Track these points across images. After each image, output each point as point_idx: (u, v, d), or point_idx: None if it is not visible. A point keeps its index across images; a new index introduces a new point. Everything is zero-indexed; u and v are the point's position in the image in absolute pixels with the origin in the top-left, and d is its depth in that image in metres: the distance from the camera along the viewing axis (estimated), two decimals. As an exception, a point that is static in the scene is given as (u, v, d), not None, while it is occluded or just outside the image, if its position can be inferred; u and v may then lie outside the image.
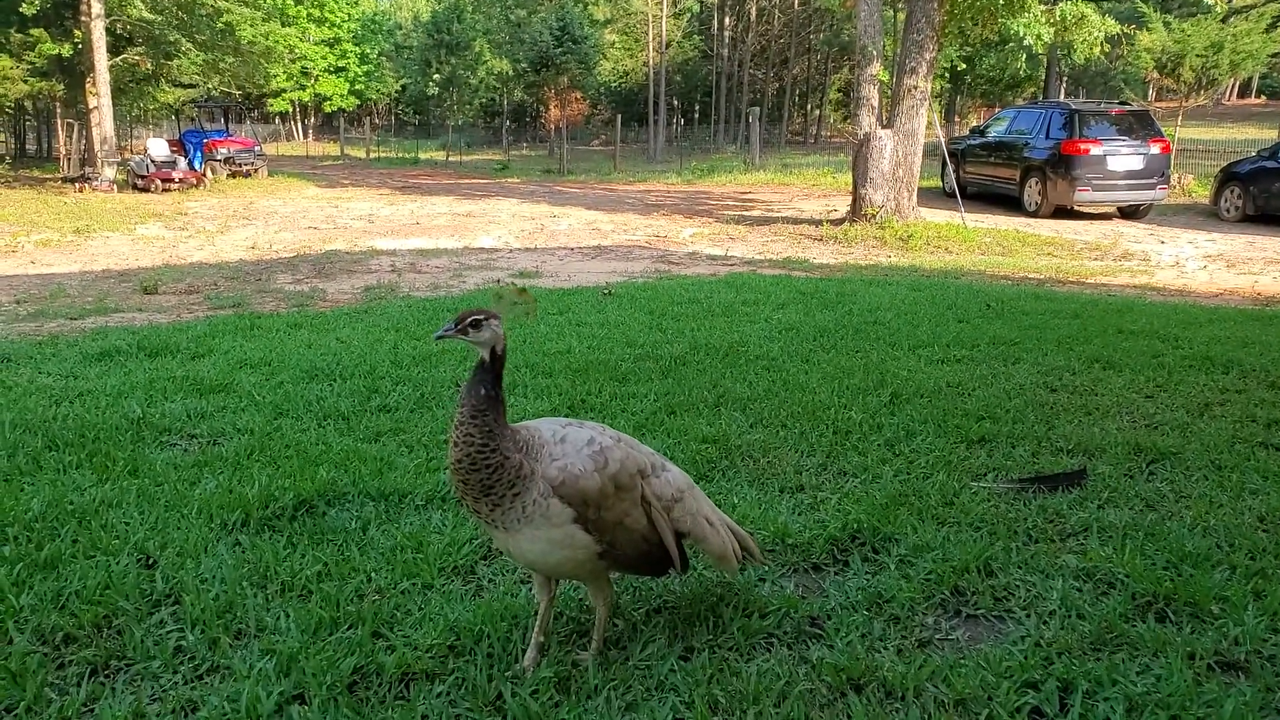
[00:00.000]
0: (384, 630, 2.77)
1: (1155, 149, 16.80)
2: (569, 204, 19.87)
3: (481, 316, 2.40)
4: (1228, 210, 17.16)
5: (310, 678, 2.49)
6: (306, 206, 20.27)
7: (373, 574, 3.13)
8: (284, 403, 5.21)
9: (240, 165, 29.06)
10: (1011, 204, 18.31)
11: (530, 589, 3.03)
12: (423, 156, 43.83)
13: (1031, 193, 17.68)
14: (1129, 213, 17.63)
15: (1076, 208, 17.36)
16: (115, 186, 24.29)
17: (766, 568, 3.19)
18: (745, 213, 18.39)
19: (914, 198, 15.26)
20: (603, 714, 2.36)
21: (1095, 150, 16.47)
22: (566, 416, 4.88)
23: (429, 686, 2.50)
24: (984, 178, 19.42)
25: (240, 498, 3.72)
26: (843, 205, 16.45)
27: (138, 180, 24.79)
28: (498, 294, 2.63)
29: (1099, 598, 3.04)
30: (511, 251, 13.54)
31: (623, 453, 2.45)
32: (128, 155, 27.72)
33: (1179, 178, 20.54)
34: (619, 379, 5.69)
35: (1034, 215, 17.35)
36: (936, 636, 2.83)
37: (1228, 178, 17.37)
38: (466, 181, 27.81)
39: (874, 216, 14.68)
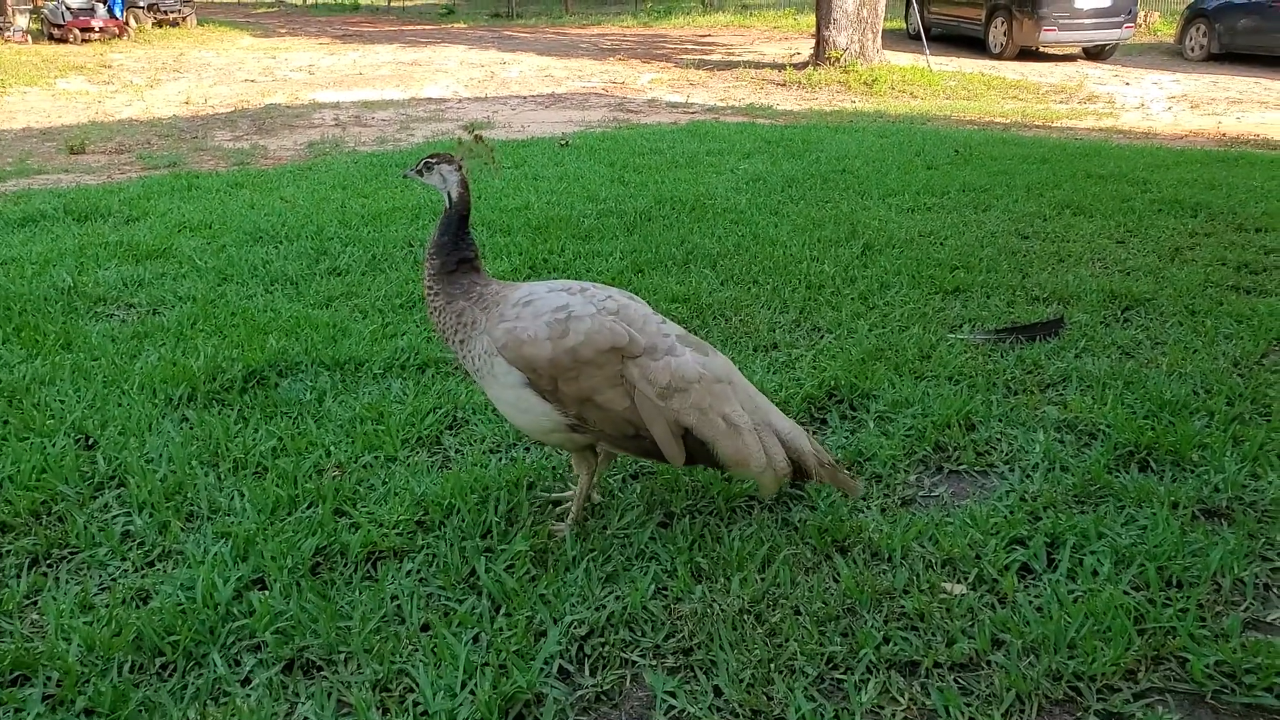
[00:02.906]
0: (346, 508, 2.63)
1: (1124, -15, 16.23)
2: (520, 50, 18.86)
3: (434, 160, 2.47)
4: (1192, 49, 16.80)
5: (270, 561, 2.36)
6: (241, 58, 19.01)
7: (332, 448, 2.97)
8: (227, 267, 4.91)
9: (166, 13, 26.99)
10: (976, 46, 17.74)
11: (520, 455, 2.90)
12: (362, 2, 41.21)
13: (997, 33, 17.11)
14: (1094, 53, 17.19)
15: (1042, 48, 16.88)
16: (29, 37, 22.53)
17: (845, 495, 2.58)
18: (705, 57, 17.62)
19: (878, 40, 14.67)
20: (582, 586, 2.27)
21: (1063, -13, 15.87)
22: (528, 278, 4.68)
23: (397, 565, 2.39)
24: (949, 19, 18.72)
25: (185, 370, 3.50)
26: (805, 48, 15.80)
27: (53, 30, 22.95)
28: (458, 141, 2.47)
29: (1081, 449, 2.99)
30: (461, 101, 12.87)
31: (596, 326, 2.25)
32: (41, 2, 25.60)
33: (1145, 16, 19.99)
34: (582, 236, 5.44)
35: (999, 57, 16.85)
36: (920, 494, 2.77)
37: (1194, 15, 16.91)
38: (410, 28, 26.25)
39: (838, 60, 14.12)
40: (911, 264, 4.89)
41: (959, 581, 2.31)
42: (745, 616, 2.17)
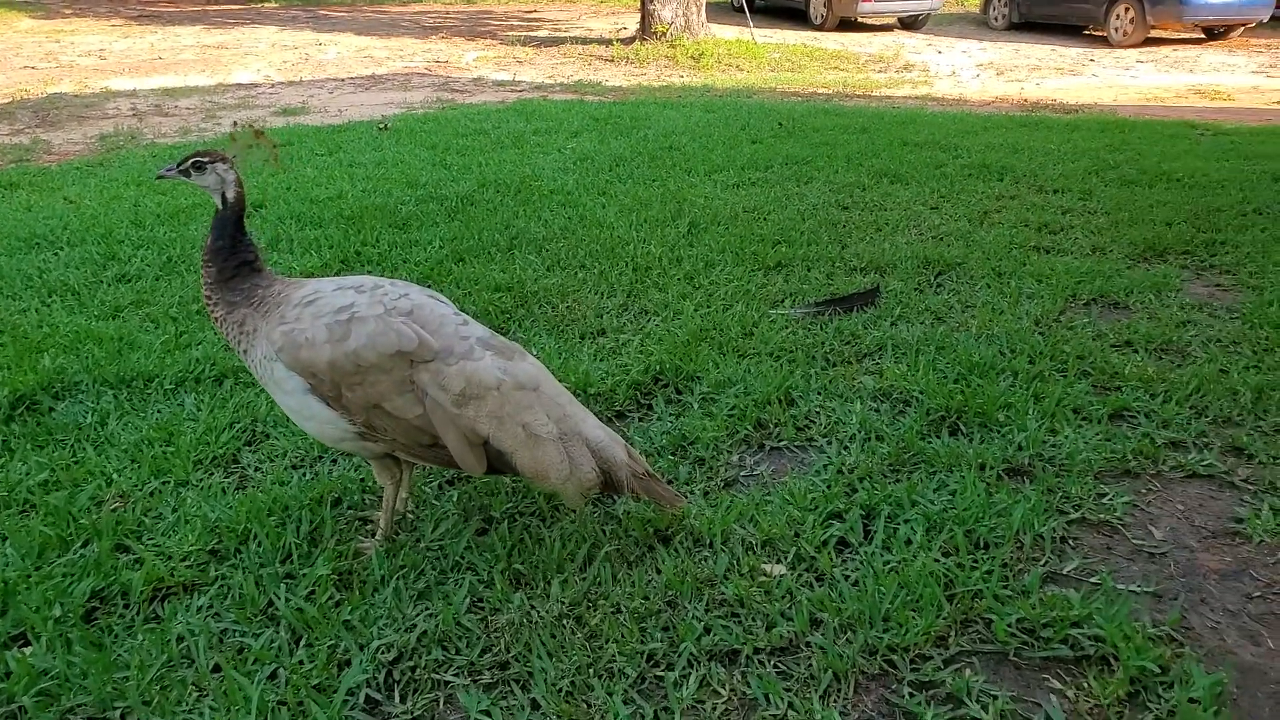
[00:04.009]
0: (129, 542, 2.38)
1: (932, -42, 17.00)
2: (337, 30, 17.98)
3: (206, 159, 2.29)
4: (996, 19, 17.81)
5: (34, 613, 2.10)
6: (19, 42, 17.29)
7: (114, 476, 2.69)
8: (-3, 279, 4.41)
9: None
10: (798, 17, 18.22)
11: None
12: (162, -22, 38.24)
13: (818, 5, 17.63)
14: (909, 23, 17.97)
15: (860, 19, 17.51)
16: None
17: (660, 509, 2.38)
18: (532, 33, 17.32)
19: (703, 13, 14.81)
20: (391, 607, 2.12)
21: (875, -42, 16.49)
22: (339, 273, 4.42)
23: (187, 601, 2.18)
24: (770, -10, 19.15)
25: (-61, 400, 3.10)
26: (632, 23, 15.77)
27: None
28: (232, 135, 2.23)
29: (896, 417, 3.06)
30: (274, 86, 12.14)
31: (381, 328, 2.10)
32: None
33: (953, -13, 21.06)
34: (399, 225, 5.19)
35: (820, 28, 17.37)
36: (742, 474, 2.76)
37: (997, -14, 17.94)
38: (215, 9, 24.58)
39: (664, 34, 14.17)
40: (736, 241, 4.92)
41: (779, 562, 2.31)
42: (565, 621, 2.09)
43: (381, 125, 8.54)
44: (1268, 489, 2.62)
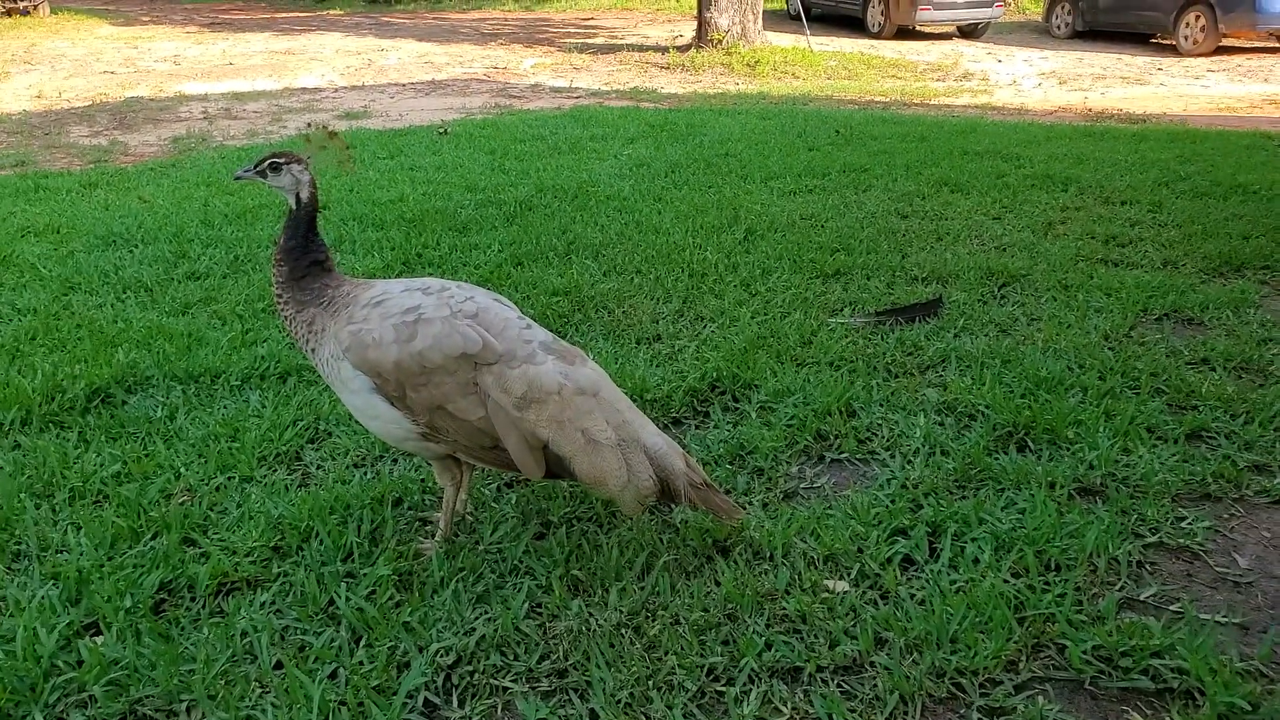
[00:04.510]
0: (196, 535, 2.42)
1: (993, -34, 16.74)
2: (398, 36, 18.26)
3: (282, 160, 2.31)
4: (1059, 27, 17.47)
5: (105, 602, 2.14)
6: (100, 48, 17.84)
7: (182, 470, 2.73)
8: (74, 275, 4.53)
9: (16, 1, 25.12)
10: (855, 25, 18.05)
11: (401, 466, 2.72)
12: (230, -14, 39.24)
13: (875, 13, 17.45)
14: (968, 32, 17.70)
15: (918, 27, 17.29)
16: None
17: (718, 519, 2.29)
18: (589, 40, 17.41)
19: (760, 21, 14.74)
20: (450, 610, 2.12)
21: (933, -34, 16.28)
22: (401, 274, 4.47)
23: (250, 596, 2.20)
24: (829, -1, 19.01)
25: (18, 391, 3.19)
26: (688, 30, 15.78)
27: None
28: (305, 137, 2.30)
29: (961, 431, 2.99)
30: (337, 91, 12.36)
31: (447, 330, 2.10)
32: None
33: (1015, -5, 20.72)
34: (459, 229, 5.24)
35: (877, 36, 17.19)
36: (802, 486, 2.72)
37: (1060, -6, 17.60)
38: (283, 16, 25.13)
39: (720, 42, 14.13)
40: (793, 248, 4.87)
41: (841, 578, 2.26)
42: (623, 631, 2.07)
43: (441, 130, 8.63)
44: (1357, 517, 2.50)
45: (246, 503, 2.56)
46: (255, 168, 2.30)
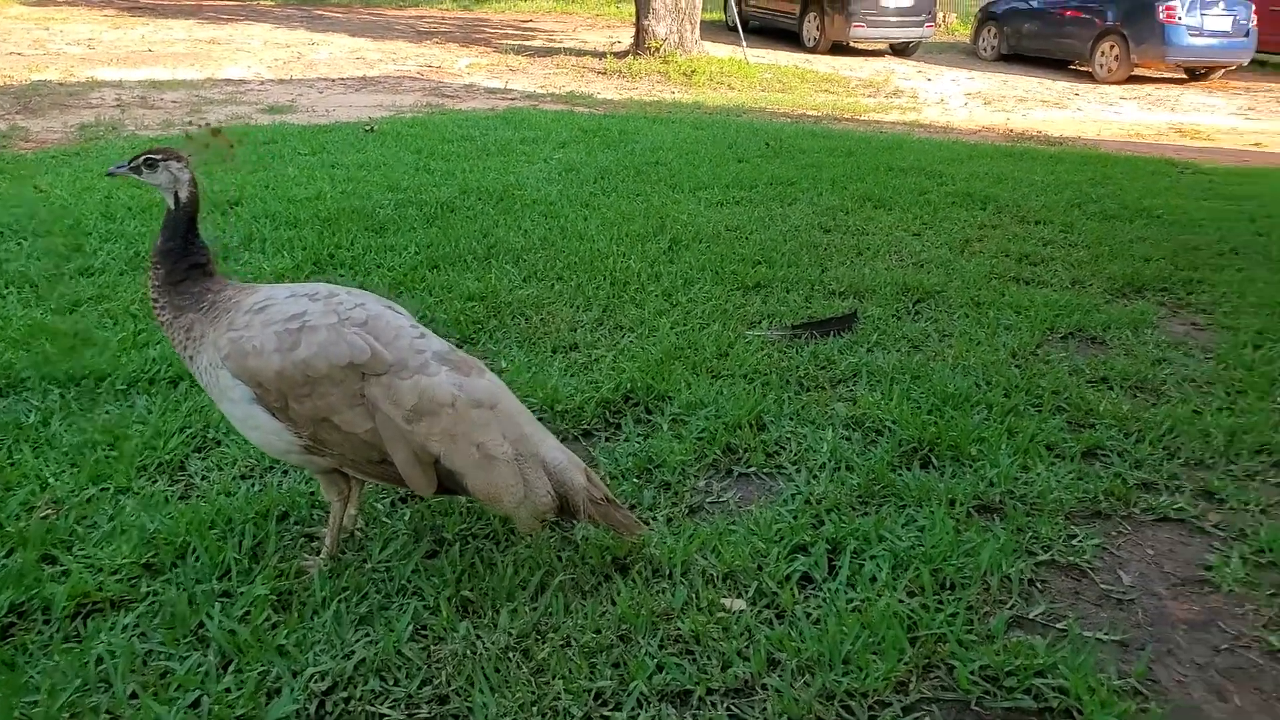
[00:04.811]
0: (58, 552, 2.28)
1: (922, -13, 17.09)
2: (331, 30, 17.87)
3: (159, 156, 2.19)
4: (985, 49, 17.92)
5: (-53, 628, 1.99)
6: (8, 28, 17.09)
7: (50, 480, 2.58)
8: (-46, 269, 4.28)
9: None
10: (792, 39, 18.25)
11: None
12: (157, -29, 37.99)
13: (810, 28, 17.67)
14: (900, 50, 18.04)
15: (852, 44, 17.56)
16: None
17: (618, 535, 2.24)
18: (526, 43, 17.27)
19: (697, 31, 14.80)
20: (330, 632, 2.03)
21: (868, -15, 16.55)
22: (312, 276, 4.32)
23: (113, 618, 2.07)
24: (765, 12, 19.17)
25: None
26: (627, 37, 15.76)
27: None
28: (187, 135, 2.17)
29: (868, 447, 2.99)
30: (263, 83, 12.03)
31: (333, 338, 2.01)
32: None
33: (943, 16, 21.18)
34: (376, 229, 5.10)
35: (813, 51, 17.40)
36: (708, 501, 2.69)
37: (986, 17, 18.06)
38: (210, 3, 24.40)
39: (657, 50, 14.15)
40: (716, 259, 4.86)
41: (740, 596, 2.23)
42: (511, 654, 2.00)
43: (367, 127, 8.45)
44: (1238, 536, 2.57)
45: (119, 516, 2.42)
46: (130, 164, 2.18)
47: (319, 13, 20.77)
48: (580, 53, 15.78)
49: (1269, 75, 16.43)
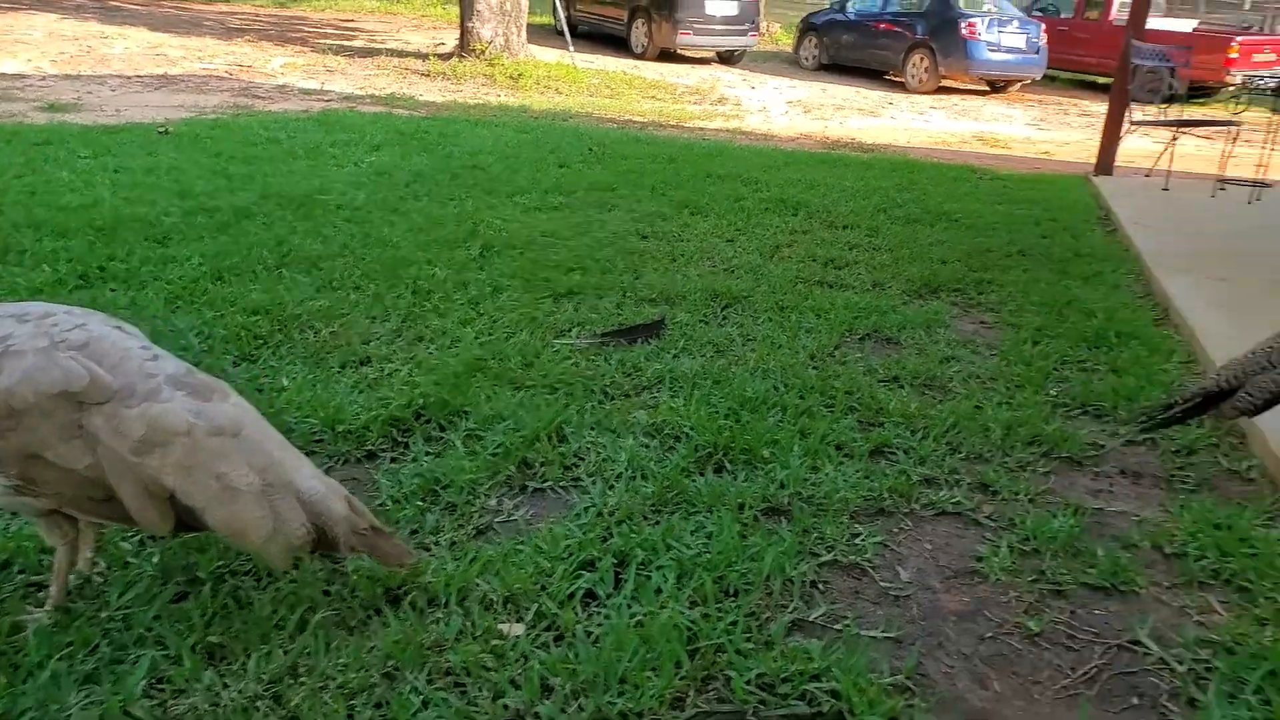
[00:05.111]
0: None
1: (747, -4, 17.60)
2: (128, 23, 16.61)
3: None
4: (807, 59, 18.64)
5: None
6: None
7: None
8: None
9: None
10: (621, 45, 18.40)
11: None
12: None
13: (639, 34, 17.86)
14: (726, 58, 18.51)
15: (679, 51, 17.86)
16: None
17: (386, 564, 2.13)
18: (347, 43, 16.62)
19: (524, 34, 14.67)
20: (46, 695, 1.80)
21: (696, -6, 16.89)
22: (74, 290, 3.94)
23: None
24: (595, 17, 19.25)
25: None
26: (452, 39, 15.42)
27: None
28: None
29: (665, 454, 2.97)
30: (45, 79, 11.04)
31: (42, 364, 1.79)
32: None
33: (767, 26, 21.90)
34: (159, 238, 4.72)
35: (641, 57, 17.59)
36: (497, 521, 2.58)
37: (806, 28, 18.80)
38: (-8, -11, 22.32)
39: (483, 52, 13.93)
40: (529, 266, 4.77)
41: (519, 620, 2.14)
42: (260, 703, 1.83)
43: (162, 129, 7.86)
44: (1007, 526, 2.69)
45: None
46: None
47: (114, 3, 19.31)
48: (403, 54, 15.34)
49: (1058, 90, 17.84)
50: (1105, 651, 2.19)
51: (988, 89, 16.95)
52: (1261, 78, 11.15)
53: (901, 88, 16.46)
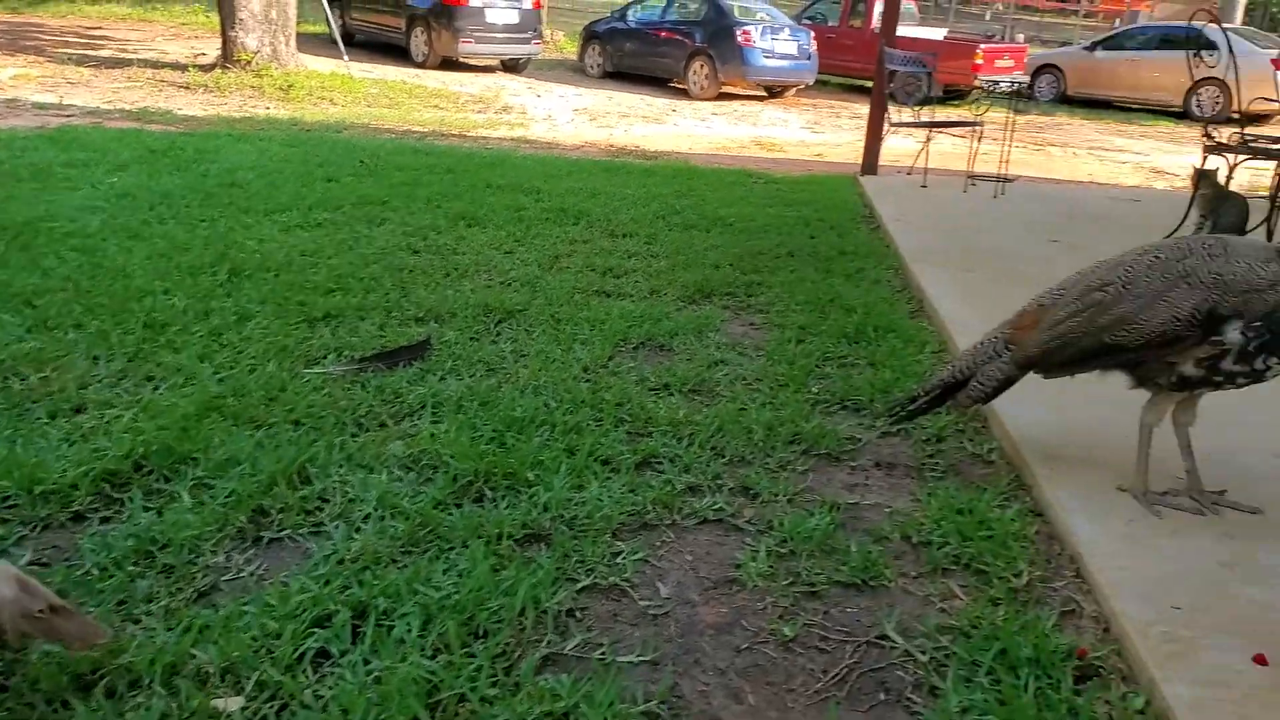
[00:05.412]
0: None
1: (528, 4, 17.51)
2: None
3: None
4: (592, 67, 18.78)
5: None
6: None
7: None
8: None
9: None
10: (401, 54, 17.85)
11: None
12: None
13: (418, 42, 17.38)
14: (510, 66, 18.35)
15: (462, 59, 17.54)
16: None
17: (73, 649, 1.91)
18: (92, 52, 15.17)
19: (292, 43, 13.90)
20: None
21: (474, 2, 16.61)
22: None
23: None
24: (371, 26, 18.57)
25: None
26: (213, 49, 14.41)
27: None
28: None
29: (420, 487, 2.79)
30: None
31: None
32: None
33: (551, 33, 21.93)
34: None
35: (422, 66, 17.13)
36: (223, 580, 2.33)
37: (590, 36, 18.95)
38: None
39: (249, 63, 13.07)
40: (282, 289, 4.44)
41: (239, 693, 1.91)
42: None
43: None
44: (766, 529, 2.71)
45: None
46: None
47: None
48: (159, 65, 14.18)
49: (829, 94, 18.87)
50: (855, 650, 2.22)
51: (765, 94, 17.68)
52: (999, 82, 12.26)
53: (685, 94, 16.88)
